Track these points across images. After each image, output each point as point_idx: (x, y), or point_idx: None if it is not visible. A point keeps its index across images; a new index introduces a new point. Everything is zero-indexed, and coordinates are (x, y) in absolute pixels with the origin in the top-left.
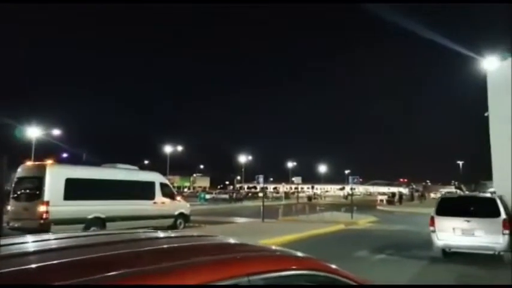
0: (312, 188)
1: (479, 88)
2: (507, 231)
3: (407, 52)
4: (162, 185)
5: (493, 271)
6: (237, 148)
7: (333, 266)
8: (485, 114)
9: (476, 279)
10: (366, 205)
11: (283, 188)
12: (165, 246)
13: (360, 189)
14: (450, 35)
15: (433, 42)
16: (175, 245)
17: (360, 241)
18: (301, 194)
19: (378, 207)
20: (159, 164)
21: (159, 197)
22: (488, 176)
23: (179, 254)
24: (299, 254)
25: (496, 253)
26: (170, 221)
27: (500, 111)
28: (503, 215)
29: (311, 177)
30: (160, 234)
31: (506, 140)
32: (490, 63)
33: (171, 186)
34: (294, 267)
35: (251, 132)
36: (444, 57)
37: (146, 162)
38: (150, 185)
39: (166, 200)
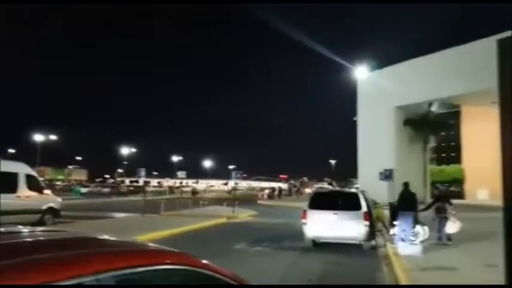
0: (197, 182)
1: (352, 94)
2: (367, 223)
3: (295, 59)
4: (28, 177)
5: (354, 258)
6: (120, 140)
7: (204, 261)
8: (354, 119)
9: (340, 265)
10: (248, 199)
11: (167, 182)
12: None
13: (243, 184)
14: (330, 46)
15: (316, 52)
16: (14, 241)
17: (240, 234)
18: (186, 189)
19: (259, 202)
20: (28, 154)
21: (23, 190)
22: (355, 174)
23: (14, 253)
24: (169, 249)
25: (358, 242)
26: (36, 217)
27: (366, 116)
28: (364, 208)
29: (197, 172)
30: (2, 229)
31: (370, 142)
32: (360, 73)
33: (39, 178)
34: (159, 262)
35: (136, 124)
36: (326, 65)
37: (12, 151)
38: (13, 176)
39: (33, 194)
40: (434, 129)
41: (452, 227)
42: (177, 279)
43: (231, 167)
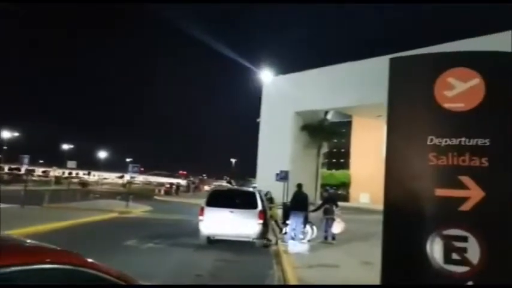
0: (89, 174)
1: (258, 96)
2: (261, 221)
3: (202, 60)
4: None
5: (246, 255)
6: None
7: (89, 260)
8: (258, 120)
9: (232, 262)
10: (144, 194)
11: (54, 172)
12: None
13: (140, 179)
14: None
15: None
16: None
17: (132, 230)
18: (75, 180)
19: (156, 197)
20: None
21: None
22: (254, 174)
23: None
24: (49, 246)
25: (251, 239)
26: None
27: (268, 119)
28: (259, 207)
29: (90, 164)
30: None
31: (269, 144)
32: (266, 76)
33: None
34: (37, 261)
35: (23, 109)
36: (234, 67)
37: None
38: None
39: None
40: (328, 136)
41: (337, 227)
42: (59, 280)
43: (128, 160)
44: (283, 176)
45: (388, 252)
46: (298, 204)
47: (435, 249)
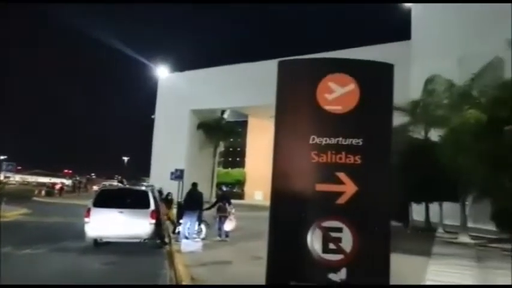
0: None
1: (153, 92)
2: (153, 221)
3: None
4: None
5: (138, 257)
6: None
7: None
8: (152, 117)
9: (121, 264)
10: (21, 195)
11: None
12: None
13: (16, 179)
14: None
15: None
16: None
17: (6, 235)
18: None
19: (36, 198)
20: None
21: None
22: (148, 173)
23: None
24: None
25: (143, 240)
26: None
27: (164, 116)
28: (152, 207)
29: None
30: None
31: (165, 141)
32: (161, 73)
33: None
34: None
35: None
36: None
37: None
38: None
39: None
40: (224, 135)
41: (229, 225)
42: None
43: (1, 157)
44: (178, 175)
45: (274, 245)
46: (192, 202)
47: (315, 240)
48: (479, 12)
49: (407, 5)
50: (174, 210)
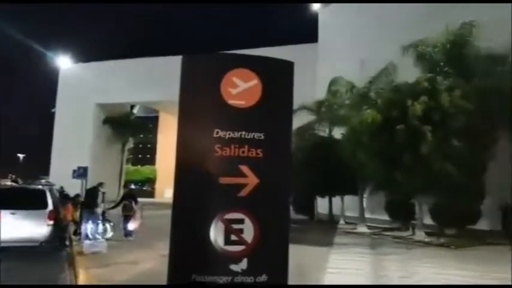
0: None
1: (54, 84)
2: (51, 222)
3: None
4: None
5: (35, 262)
6: None
7: None
8: (53, 110)
9: (12, 272)
10: None
11: None
12: None
13: None
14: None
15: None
16: None
17: None
18: None
19: None
20: None
21: None
22: (48, 171)
23: None
24: None
25: (40, 244)
26: None
27: (66, 109)
28: (50, 207)
29: None
30: None
31: (67, 137)
32: (64, 63)
33: None
34: None
35: None
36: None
37: None
38: None
39: None
40: (134, 131)
41: (134, 223)
42: None
43: None
44: (81, 173)
45: (176, 240)
46: (93, 202)
47: (217, 232)
48: (380, 18)
49: (315, 8)
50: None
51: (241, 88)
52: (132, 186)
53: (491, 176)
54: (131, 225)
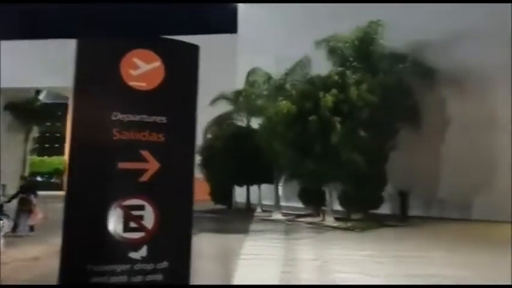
0: None
1: None
2: None
3: None
4: None
5: None
6: None
7: None
8: None
9: None
10: None
11: None
12: None
13: None
14: None
15: None
16: None
17: None
18: None
19: None
20: None
21: None
22: None
23: None
24: None
25: None
26: None
27: None
28: None
29: None
30: None
31: None
32: None
33: None
34: None
35: None
36: None
37: None
38: None
39: None
40: (39, 118)
41: (35, 218)
42: None
43: None
44: None
45: (70, 228)
46: None
47: (116, 220)
48: (297, 13)
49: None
50: None
51: (142, 69)
52: (39, 178)
53: (392, 164)
54: (31, 220)
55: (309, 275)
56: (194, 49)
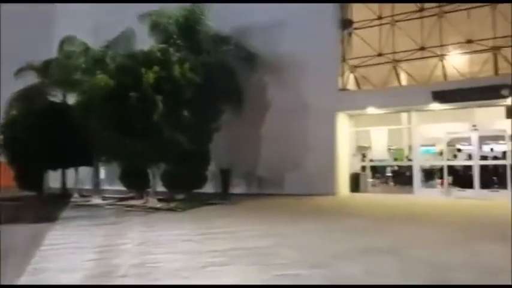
0: None
1: None
2: None
3: None
4: None
5: None
6: None
7: None
8: None
9: None
10: None
11: None
12: None
13: None
14: None
15: None
16: None
17: None
18: None
19: None
20: None
21: None
22: None
23: None
24: None
25: None
26: None
27: None
28: None
29: None
30: None
31: None
32: None
33: None
34: None
35: None
36: None
37: None
38: None
39: None
40: None
41: None
42: None
43: None
44: None
45: None
46: None
47: None
48: None
49: None
50: None
51: None
52: None
53: (215, 143)
54: None
55: (120, 259)
56: None
